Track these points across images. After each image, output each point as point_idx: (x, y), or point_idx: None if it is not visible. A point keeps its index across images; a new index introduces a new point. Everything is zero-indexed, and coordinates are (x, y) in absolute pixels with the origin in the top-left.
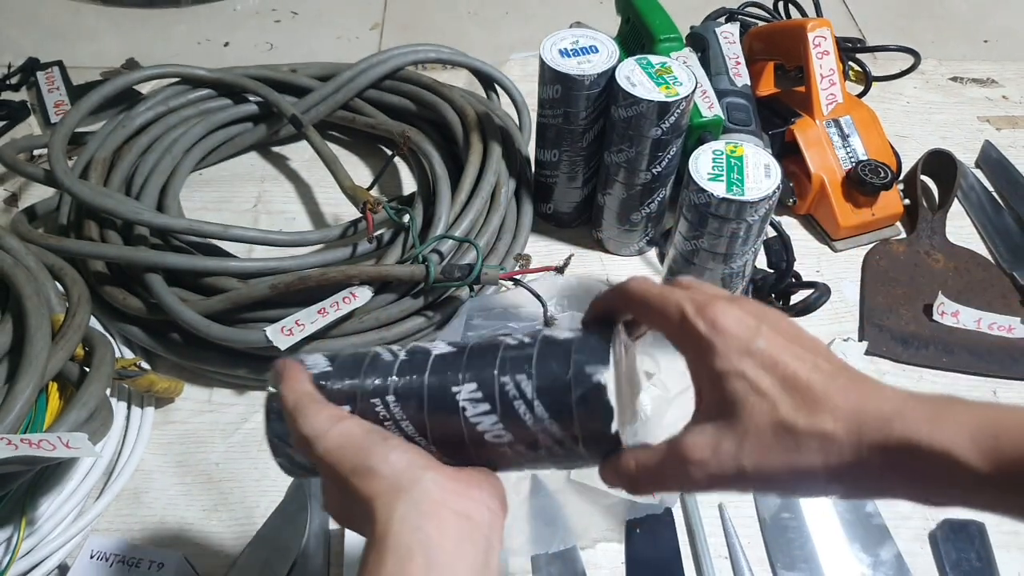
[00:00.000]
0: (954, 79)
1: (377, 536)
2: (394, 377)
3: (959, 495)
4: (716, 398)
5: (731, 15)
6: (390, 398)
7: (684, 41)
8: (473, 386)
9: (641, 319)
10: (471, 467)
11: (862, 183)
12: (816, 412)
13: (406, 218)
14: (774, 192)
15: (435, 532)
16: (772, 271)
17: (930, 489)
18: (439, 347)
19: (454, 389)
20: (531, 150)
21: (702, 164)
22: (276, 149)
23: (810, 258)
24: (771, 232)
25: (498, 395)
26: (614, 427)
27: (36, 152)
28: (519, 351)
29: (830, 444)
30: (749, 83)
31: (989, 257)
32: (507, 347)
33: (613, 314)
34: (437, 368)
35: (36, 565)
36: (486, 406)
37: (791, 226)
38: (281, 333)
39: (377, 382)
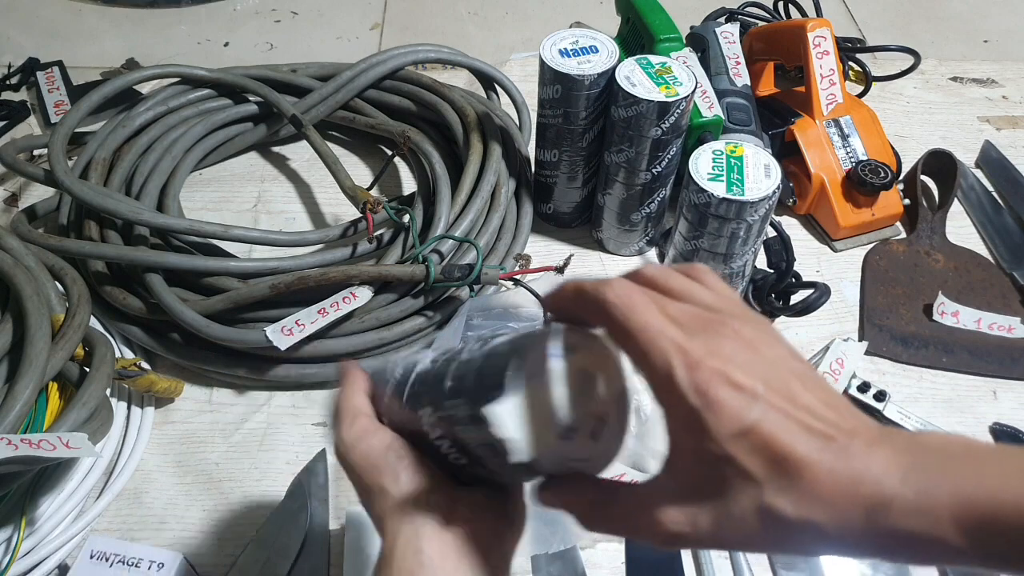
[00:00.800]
0: (954, 79)
1: (384, 554)
2: (387, 399)
3: (945, 563)
4: (698, 477)
5: (731, 15)
6: (385, 421)
7: (684, 41)
8: (430, 410)
9: (617, 343)
10: (478, 490)
11: (862, 183)
12: (804, 502)
13: (406, 218)
14: (774, 192)
15: (436, 555)
16: (772, 271)
17: (914, 561)
18: (422, 363)
19: (419, 412)
20: (531, 150)
21: (702, 164)
22: (276, 149)
23: (810, 258)
24: (771, 232)
25: (446, 420)
26: (516, 458)
27: (36, 152)
28: (464, 368)
29: (815, 532)
30: (749, 83)
31: (989, 257)
32: (459, 363)
33: (582, 318)
34: (412, 391)
35: (36, 565)
36: (439, 430)
37: (791, 226)
38: (281, 333)
39: (380, 402)
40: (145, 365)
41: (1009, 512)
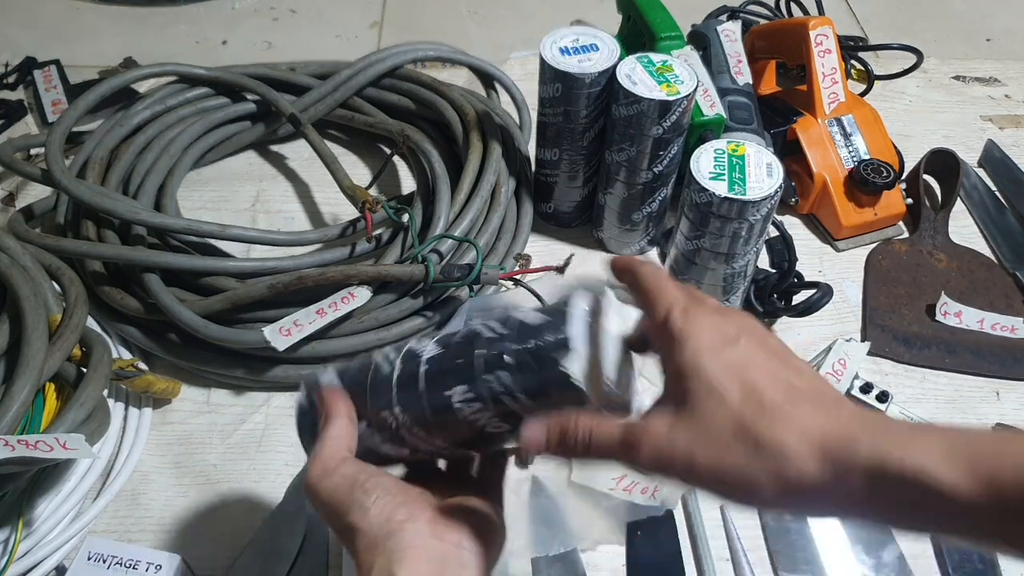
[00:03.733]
0: (957, 78)
1: None
2: (395, 391)
3: (934, 519)
4: (675, 391)
5: (733, 13)
6: (396, 410)
7: (685, 39)
8: (464, 387)
9: (636, 301)
10: (456, 507)
11: (864, 182)
12: (779, 427)
13: (405, 217)
14: (776, 191)
15: (408, 573)
16: (774, 271)
17: (903, 513)
18: (428, 349)
19: (447, 393)
20: (531, 149)
21: (704, 163)
22: (274, 148)
23: (812, 258)
24: (773, 232)
25: (487, 393)
26: (585, 395)
27: (33, 151)
28: (494, 346)
29: (791, 459)
30: (751, 81)
31: (992, 257)
32: (482, 341)
33: (619, 279)
34: (429, 374)
35: (34, 567)
36: (478, 404)
37: (793, 226)
38: (279, 333)
39: (382, 398)
40: (143, 366)
41: (994, 456)
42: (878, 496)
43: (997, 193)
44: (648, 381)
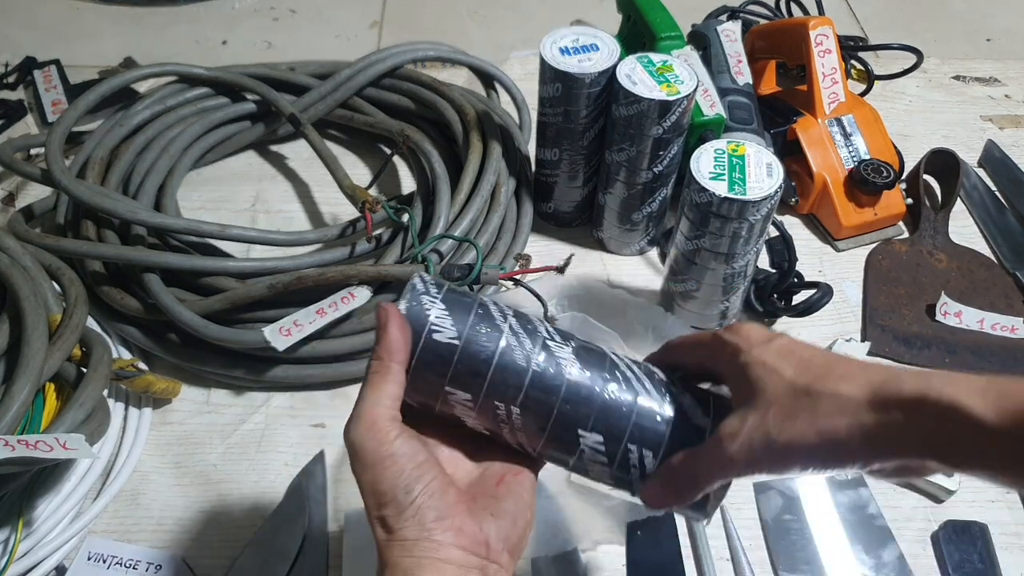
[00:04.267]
0: (957, 78)
1: None
2: (525, 390)
3: (971, 450)
4: (742, 387)
5: (733, 13)
6: (515, 408)
7: (685, 39)
8: (599, 438)
9: (700, 363)
10: (487, 510)
11: (864, 182)
12: (831, 379)
13: (405, 217)
14: (776, 191)
15: None
16: (774, 271)
17: (943, 444)
18: (571, 369)
19: (580, 431)
20: (531, 149)
21: (704, 163)
22: (274, 148)
23: (812, 258)
24: (773, 232)
25: (619, 456)
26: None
27: (33, 151)
28: (651, 420)
29: (847, 403)
30: (751, 81)
31: (992, 257)
32: (640, 411)
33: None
34: (568, 400)
35: (34, 567)
36: (604, 458)
37: (793, 226)
38: (279, 333)
39: (506, 389)
40: (143, 366)
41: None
42: (918, 426)
43: (997, 193)
44: None
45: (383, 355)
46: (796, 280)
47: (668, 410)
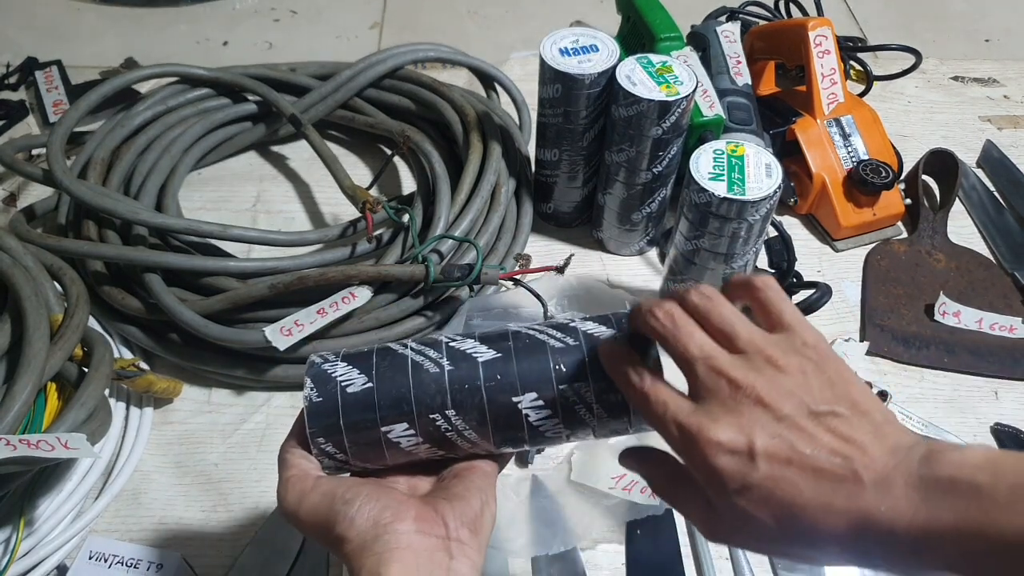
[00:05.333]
0: (955, 78)
1: None
2: (449, 392)
3: None
4: (727, 514)
5: (732, 14)
6: (450, 412)
7: (685, 40)
8: (533, 395)
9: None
10: (442, 496)
11: (863, 183)
12: (818, 542)
13: (406, 218)
14: (775, 192)
15: (397, 572)
16: (773, 271)
17: None
18: (479, 351)
19: (515, 399)
20: (531, 149)
21: (703, 163)
22: (275, 148)
23: (811, 258)
24: (772, 232)
25: (560, 403)
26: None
27: (35, 152)
28: (569, 356)
29: (833, 556)
30: (750, 82)
31: (990, 257)
32: (554, 350)
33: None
34: (490, 378)
35: (35, 566)
36: (547, 411)
37: (792, 226)
38: (280, 333)
39: (432, 399)
40: (144, 365)
41: (1009, 542)
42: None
43: (996, 193)
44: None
45: (281, 454)
46: (795, 280)
47: (576, 338)
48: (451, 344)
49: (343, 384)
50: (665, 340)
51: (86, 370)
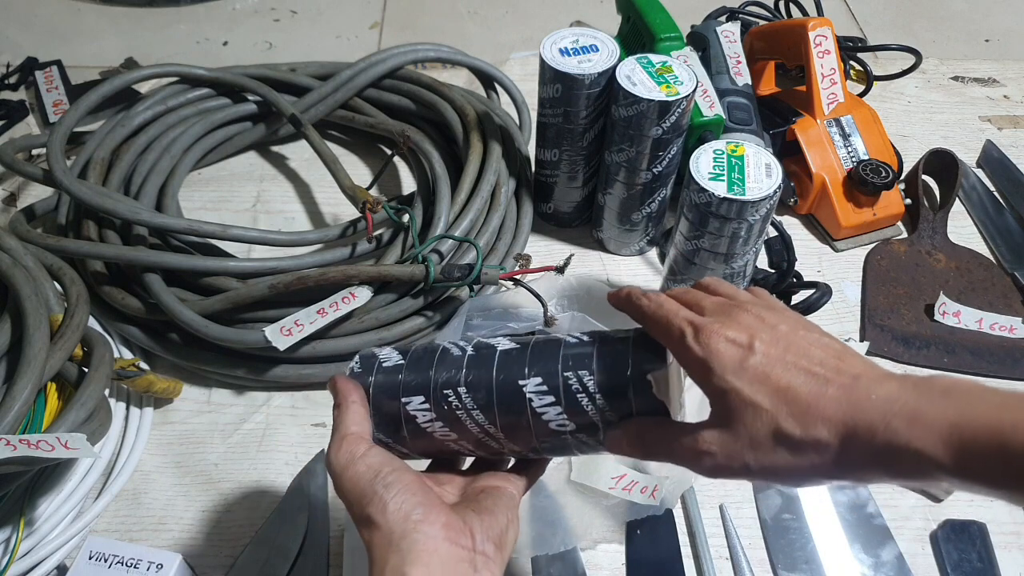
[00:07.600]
0: (955, 78)
1: None
2: (464, 371)
3: (928, 480)
4: (719, 410)
5: (732, 14)
6: (461, 389)
7: (685, 40)
8: (538, 380)
9: (648, 331)
10: (472, 508)
11: (863, 183)
12: (809, 423)
13: (406, 218)
14: (775, 192)
15: (420, 575)
16: (773, 271)
17: (904, 477)
18: (502, 343)
19: (521, 382)
20: (531, 149)
21: (703, 163)
22: (275, 148)
23: (811, 258)
24: (772, 232)
25: (562, 389)
26: (662, 406)
27: (35, 152)
28: (580, 349)
29: (824, 449)
30: (750, 82)
31: (990, 257)
32: (567, 344)
33: (624, 311)
34: (504, 363)
35: (35, 566)
36: (551, 398)
37: (792, 226)
38: (280, 333)
39: (449, 375)
40: (144, 365)
41: (989, 436)
42: (885, 468)
43: (995, 193)
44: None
45: (339, 400)
46: (795, 280)
47: (592, 337)
48: (481, 339)
49: (381, 360)
50: (661, 306)
51: (86, 370)
